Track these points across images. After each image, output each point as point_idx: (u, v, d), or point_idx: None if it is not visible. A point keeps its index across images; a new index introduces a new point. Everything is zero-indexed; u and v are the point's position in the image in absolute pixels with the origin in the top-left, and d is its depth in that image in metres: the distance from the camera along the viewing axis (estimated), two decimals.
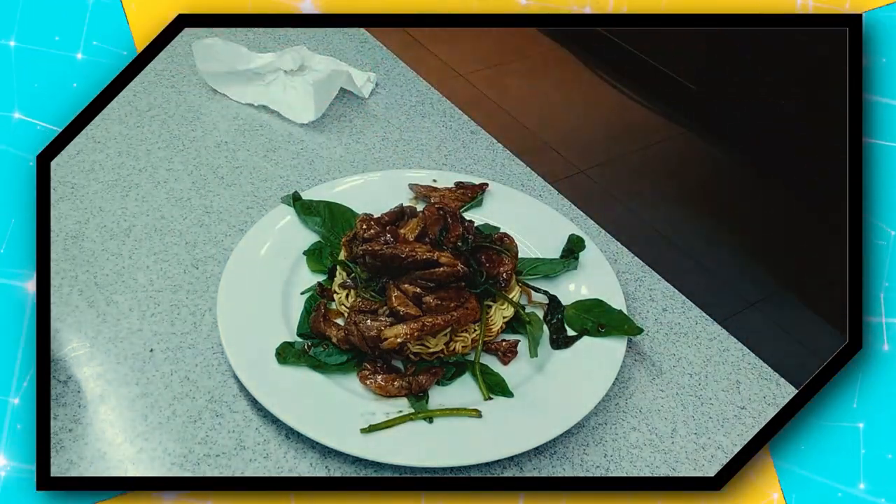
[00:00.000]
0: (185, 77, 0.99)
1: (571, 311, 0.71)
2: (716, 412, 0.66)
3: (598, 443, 0.63)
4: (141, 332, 0.68)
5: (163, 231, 0.78)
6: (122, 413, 0.61)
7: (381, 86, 1.02)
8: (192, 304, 0.71)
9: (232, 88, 0.96)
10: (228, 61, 0.95)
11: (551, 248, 0.78)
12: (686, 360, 0.70)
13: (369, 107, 0.99)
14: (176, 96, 0.96)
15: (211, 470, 0.58)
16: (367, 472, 0.59)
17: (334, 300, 0.70)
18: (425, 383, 0.64)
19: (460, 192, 0.82)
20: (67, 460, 0.58)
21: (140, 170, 0.85)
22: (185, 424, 0.61)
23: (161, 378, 0.64)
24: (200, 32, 1.00)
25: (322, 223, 0.77)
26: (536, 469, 0.61)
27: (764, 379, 0.69)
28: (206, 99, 0.96)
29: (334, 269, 0.72)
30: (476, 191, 0.83)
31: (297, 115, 0.94)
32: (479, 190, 0.83)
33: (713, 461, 0.62)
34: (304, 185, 0.85)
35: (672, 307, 0.75)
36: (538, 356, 0.67)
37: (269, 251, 0.74)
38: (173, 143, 0.89)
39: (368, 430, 0.59)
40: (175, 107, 0.94)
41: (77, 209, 0.79)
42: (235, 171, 0.86)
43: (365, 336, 0.64)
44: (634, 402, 0.66)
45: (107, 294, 0.71)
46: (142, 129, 0.91)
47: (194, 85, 0.98)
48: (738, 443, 0.63)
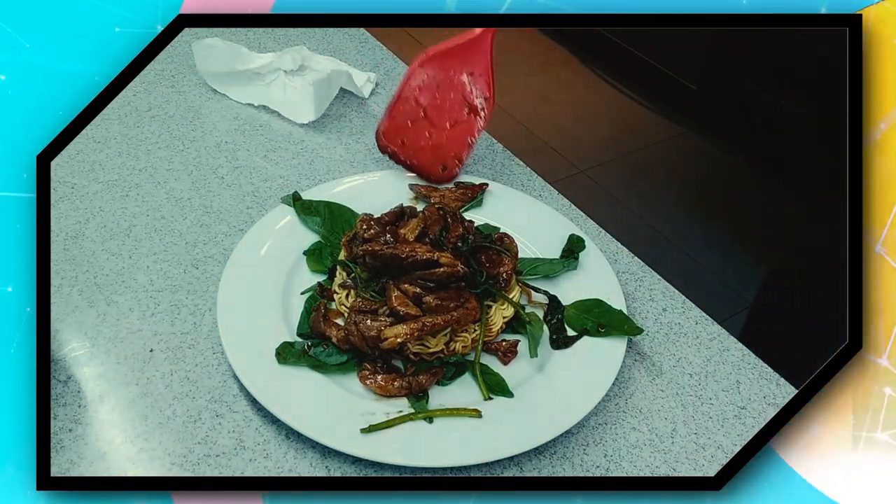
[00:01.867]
0: (185, 77, 0.99)
1: (571, 311, 0.71)
2: (716, 412, 0.66)
3: (598, 443, 0.63)
4: (141, 332, 0.68)
5: (163, 231, 0.78)
6: (122, 413, 0.61)
7: (381, 86, 1.02)
8: (192, 304, 0.71)
9: (232, 88, 0.96)
10: (228, 61, 0.95)
11: (551, 248, 0.78)
12: (686, 360, 0.70)
13: (369, 107, 0.99)
14: (176, 96, 0.96)
15: (211, 470, 0.58)
16: (367, 472, 0.59)
17: (334, 300, 0.70)
18: (425, 383, 0.64)
19: (460, 192, 0.82)
20: (67, 460, 0.58)
21: (140, 170, 0.85)
22: (185, 424, 0.61)
23: (161, 378, 0.64)
24: (201, 32, 1.00)
25: (322, 223, 0.77)
26: (536, 469, 0.61)
27: (764, 379, 0.69)
28: (206, 99, 0.96)
29: (334, 269, 0.72)
30: (476, 191, 0.83)
31: (297, 115, 0.94)
32: (479, 190, 0.83)
33: (713, 461, 0.62)
34: (304, 185, 0.85)
35: (672, 307, 0.75)
36: (538, 356, 0.67)
37: (269, 251, 0.74)
38: (173, 143, 0.89)
39: (368, 430, 0.59)
40: (175, 107, 0.94)
41: (77, 209, 0.79)
42: (235, 171, 0.86)
43: (365, 336, 0.64)
44: (634, 402, 0.66)
45: (107, 294, 0.71)
46: (142, 129, 0.91)
47: (194, 85, 0.98)
48: (738, 443, 0.63)
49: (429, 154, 0.84)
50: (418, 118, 0.83)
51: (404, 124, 0.83)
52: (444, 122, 0.84)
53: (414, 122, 0.83)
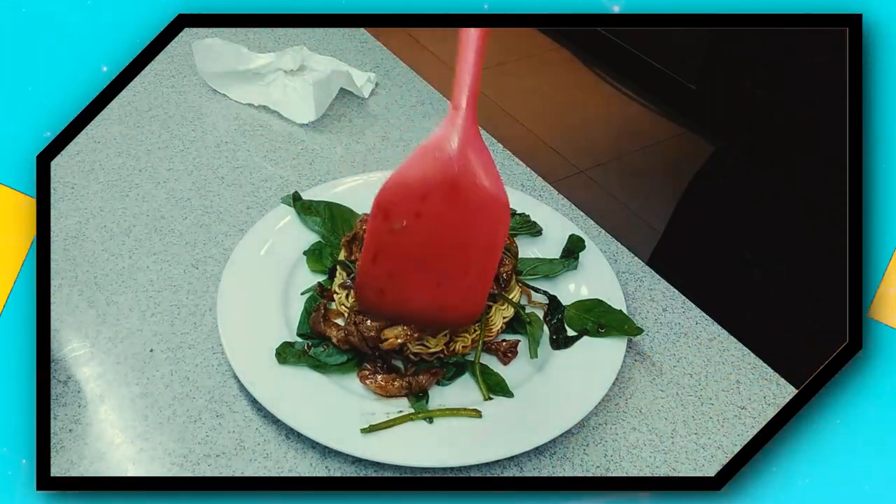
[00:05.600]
0: (185, 77, 0.99)
1: (571, 312, 0.71)
2: (716, 412, 0.66)
3: (598, 443, 0.63)
4: (141, 333, 0.68)
5: (163, 231, 0.78)
6: (122, 413, 0.61)
7: (381, 86, 1.02)
8: (192, 304, 0.71)
9: (232, 88, 0.96)
10: (228, 61, 0.95)
11: (551, 248, 0.78)
12: (686, 360, 0.70)
13: (369, 107, 0.99)
14: (176, 96, 0.96)
15: (211, 470, 0.58)
16: (367, 472, 0.59)
17: (334, 300, 0.70)
18: (425, 383, 0.64)
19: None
20: (67, 460, 0.58)
21: (140, 170, 0.85)
22: (185, 424, 0.61)
23: (161, 378, 0.64)
24: (201, 32, 1.00)
25: (322, 223, 0.77)
26: (536, 469, 0.61)
27: (764, 379, 0.69)
28: (206, 99, 0.96)
29: (334, 269, 0.72)
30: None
31: (297, 115, 0.94)
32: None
33: (713, 461, 0.62)
34: (304, 185, 0.85)
35: (672, 307, 0.75)
36: (538, 356, 0.67)
37: (269, 251, 0.74)
38: (173, 143, 0.89)
39: (368, 430, 0.59)
40: (175, 107, 0.94)
41: (77, 209, 0.79)
42: (235, 171, 0.86)
43: (365, 336, 0.64)
44: (634, 402, 0.66)
45: (107, 294, 0.71)
46: (142, 129, 0.91)
47: (194, 85, 0.98)
48: (738, 443, 0.63)
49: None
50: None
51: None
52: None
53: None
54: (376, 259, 0.52)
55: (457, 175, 0.53)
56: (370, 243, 0.52)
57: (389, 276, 0.53)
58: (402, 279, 0.54)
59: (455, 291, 0.54)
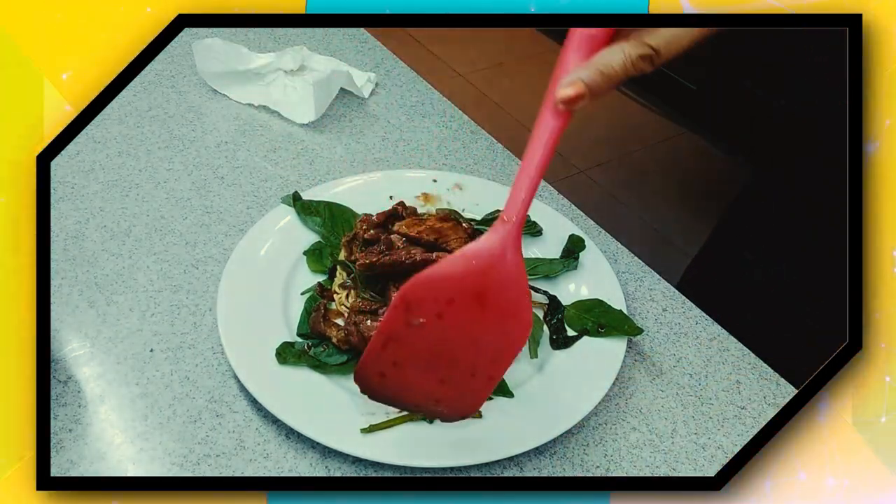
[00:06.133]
0: (185, 77, 0.99)
1: (571, 311, 0.71)
2: (716, 412, 0.66)
3: (598, 443, 0.63)
4: (141, 333, 0.68)
5: (163, 231, 0.78)
6: (122, 413, 0.61)
7: (381, 86, 1.02)
8: (192, 304, 0.71)
9: (232, 88, 0.96)
10: (228, 61, 0.95)
11: (551, 248, 0.78)
12: (686, 360, 0.70)
13: (369, 107, 0.99)
14: (176, 96, 0.96)
15: (211, 470, 0.58)
16: (367, 472, 0.59)
17: (334, 300, 0.70)
18: None
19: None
20: (67, 460, 0.58)
21: (140, 170, 0.85)
22: (185, 424, 0.61)
23: (161, 378, 0.64)
24: (200, 32, 1.00)
25: (322, 223, 0.77)
26: (536, 469, 0.61)
27: (764, 379, 0.69)
28: (206, 99, 0.96)
29: (334, 270, 0.72)
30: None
31: (297, 115, 0.94)
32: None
33: (713, 461, 0.62)
34: (304, 185, 0.85)
35: (672, 307, 0.75)
36: (538, 356, 0.67)
37: (269, 251, 0.74)
38: (173, 143, 0.89)
39: (368, 430, 0.59)
40: (175, 107, 0.94)
41: (77, 209, 0.79)
42: (235, 171, 0.86)
43: (365, 336, 0.64)
44: (634, 402, 0.66)
45: (107, 294, 0.71)
46: (142, 129, 0.91)
47: (194, 85, 0.98)
48: (738, 443, 0.63)
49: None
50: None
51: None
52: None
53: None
54: (386, 346, 0.53)
55: (487, 288, 0.53)
56: (385, 329, 0.52)
57: (395, 364, 0.54)
58: (406, 370, 0.54)
59: (455, 390, 0.55)
